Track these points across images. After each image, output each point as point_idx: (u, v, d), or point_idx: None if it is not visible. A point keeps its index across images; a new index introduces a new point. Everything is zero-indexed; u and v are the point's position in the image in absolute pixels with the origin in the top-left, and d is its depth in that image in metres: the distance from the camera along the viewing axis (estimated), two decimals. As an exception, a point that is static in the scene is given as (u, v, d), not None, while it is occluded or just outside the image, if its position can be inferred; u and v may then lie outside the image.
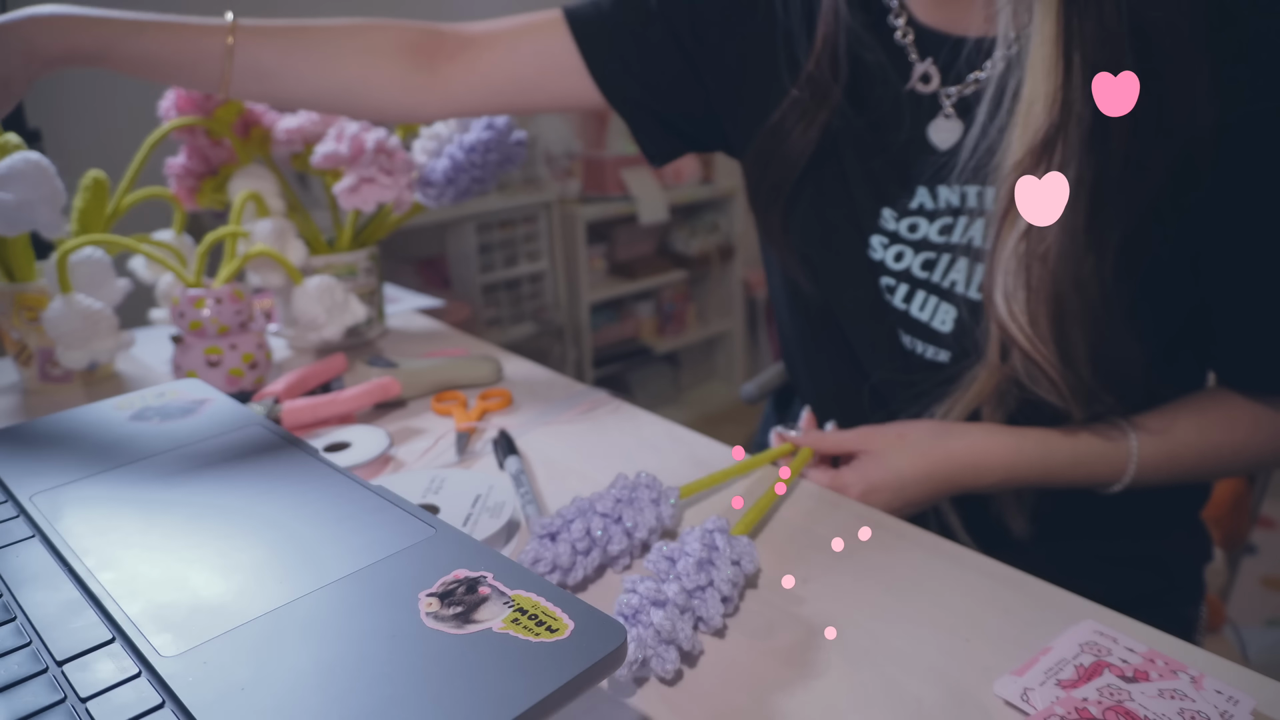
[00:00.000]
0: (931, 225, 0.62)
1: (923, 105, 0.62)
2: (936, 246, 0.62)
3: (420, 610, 0.33)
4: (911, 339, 0.64)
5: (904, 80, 0.63)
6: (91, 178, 0.77)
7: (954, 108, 0.61)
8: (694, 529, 0.47)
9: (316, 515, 0.40)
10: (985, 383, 0.59)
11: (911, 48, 0.62)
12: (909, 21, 0.62)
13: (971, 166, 0.58)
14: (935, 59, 0.62)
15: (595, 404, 0.73)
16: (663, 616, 0.40)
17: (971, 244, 0.60)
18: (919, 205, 0.63)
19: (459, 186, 0.82)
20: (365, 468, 0.62)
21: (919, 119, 0.62)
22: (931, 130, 0.62)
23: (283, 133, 0.85)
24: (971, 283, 0.60)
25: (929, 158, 0.62)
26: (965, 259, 0.60)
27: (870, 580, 0.48)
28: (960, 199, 0.61)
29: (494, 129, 0.81)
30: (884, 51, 0.63)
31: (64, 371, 0.78)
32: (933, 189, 0.62)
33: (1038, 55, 0.52)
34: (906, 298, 0.64)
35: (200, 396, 0.55)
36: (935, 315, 0.63)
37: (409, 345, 0.91)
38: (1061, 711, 0.37)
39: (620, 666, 0.36)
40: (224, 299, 0.72)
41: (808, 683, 0.40)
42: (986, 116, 0.56)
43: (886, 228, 0.64)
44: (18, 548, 0.38)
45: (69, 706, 0.29)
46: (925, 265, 0.63)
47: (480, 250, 2.33)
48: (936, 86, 0.62)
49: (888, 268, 0.64)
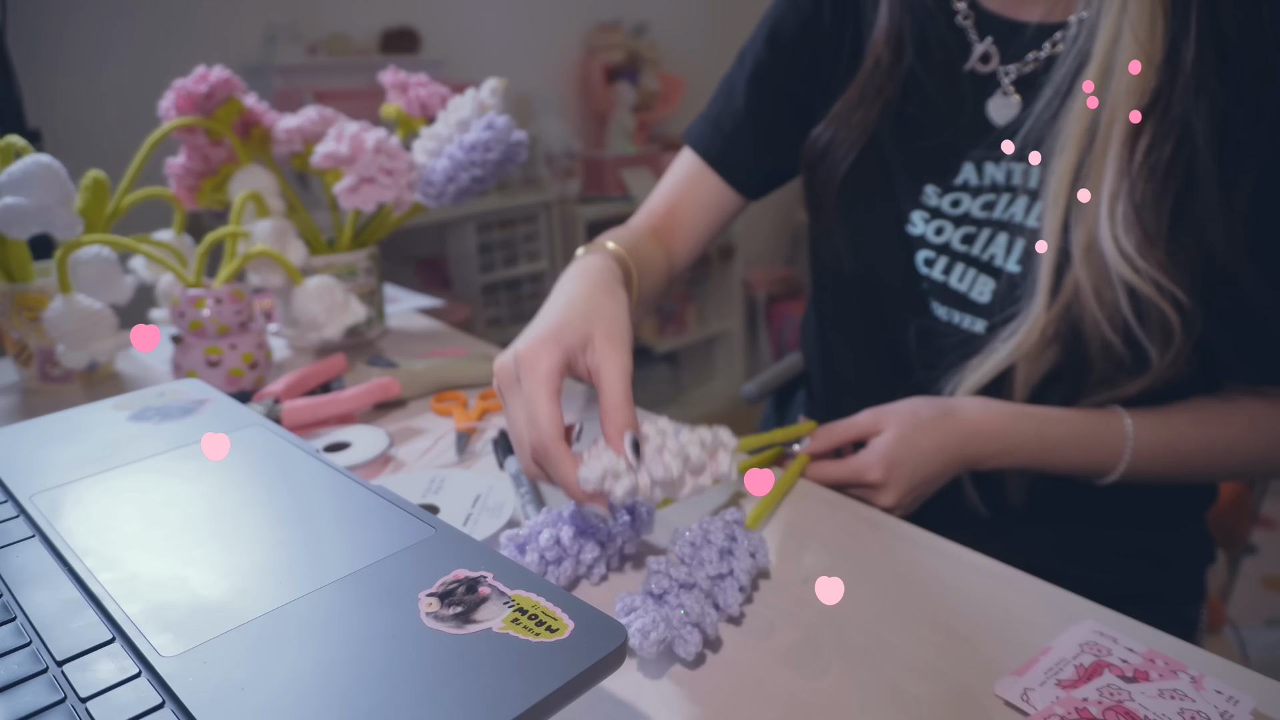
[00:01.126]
0: (975, 201, 0.65)
1: (981, 84, 0.65)
2: (978, 221, 0.65)
3: (420, 610, 0.33)
4: (949, 310, 0.67)
5: (963, 60, 0.66)
6: (91, 178, 0.77)
7: (1013, 85, 0.64)
8: (714, 519, 0.47)
9: (316, 515, 0.40)
10: (1026, 335, 0.60)
11: (972, 29, 0.65)
12: (971, 5, 0.66)
13: (1035, 138, 0.61)
14: (995, 39, 0.64)
15: (594, 403, 0.73)
16: (691, 599, 0.41)
17: (1013, 220, 0.63)
18: (964, 181, 0.66)
19: (459, 186, 0.82)
20: (365, 468, 0.62)
21: (978, 97, 0.65)
22: (990, 107, 0.65)
23: (283, 133, 0.85)
24: (1011, 256, 0.63)
25: (982, 135, 0.64)
26: (1005, 234, 0.63)
27: (870, 580, 0.48)
28: (1006, 176, 0.64)
29: (494, 129, 0.81)
30: (947, 31, 0.66)
31: (64, 371, 0.78)
32: (980, 166, 0.65)
33: (1137, 18, 0.54)
34: (946, 269, 0.66)
35: (200, 396, 0.54)
36: (974, 287, 0.65)
37: (409, 345, 0.91)
38: (1061, 711, 0.37)
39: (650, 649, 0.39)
40: (224, 299, 0.72)
41: (808, 683, 0.40)
42: (1052, 87, 0.59)
43: (928, 204, 0.67)
44: (18, 548, 0.38)
45: (69, 706, 0.29)
46: (965, 239, 0.65)
47: (480, 250, 2.33)
48: (995, 65, 0.65)
49: (928, 241, 0.67)
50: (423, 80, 0.91)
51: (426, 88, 0.91)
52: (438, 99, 0.90)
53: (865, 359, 0.75)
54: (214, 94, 0.82)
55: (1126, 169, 0.56)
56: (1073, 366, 0.60)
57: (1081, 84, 0.57)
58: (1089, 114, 0.57)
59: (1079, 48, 0.58)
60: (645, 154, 2.63)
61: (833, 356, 0.79)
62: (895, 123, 0.68)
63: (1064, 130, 0.58)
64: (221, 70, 0.82)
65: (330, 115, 0.86)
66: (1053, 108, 0.59)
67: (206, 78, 0.81)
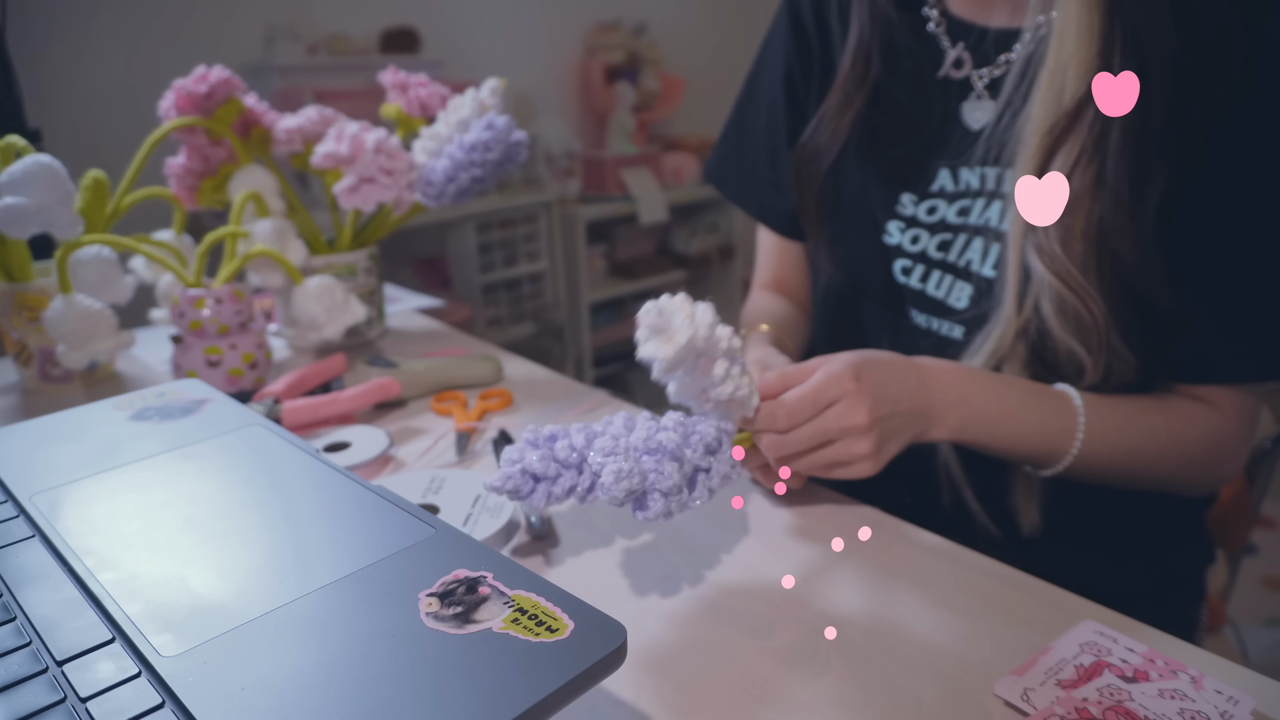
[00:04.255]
0: (950, 207, 0.65)
1: (955, 89, 0.66)
2: (953, 228, 0.65)
3: (420, 610, 0.33)
4: (928, 317, 0.67)
5: (936, 67, 0.66)
6: (91, 178, 0.77)
7: (986, 89, 0.64)
8: (709, 418, 0.49)
9: (316, 515, 0.40)
10: (1001, 338, 0.60)
11: (944, 36, 0.66)
12: (942, 12, 0.66)
13: (999, 141, 0.61)
14: (966, 45, 0.65)
15: (596, 404, 0.73)
16: (672, 470, 0.44)
17: (988, 224, 0.63)
18: (939, 188, 0.66)
19: (459, 186, 0.82)
20: (365, 468, 0.62)
21: (951, 102, 0.66)
22: (965, 111, 0.65)
23: (283, 133, 0.85)
24: (986, 261, 0.63)
25: (957, 140, 0.65)
26: (980, 239, 0.63)
27: (870, 580, 0.48)
28: (980, 181, 0.64)
29: (494, 129, 0.81)
30: (916, 40, 0.67)
31: (64, 371, 0.78)
32: (955, 171, 0.65)
33: (1076, 22, 0.55)
34: (923, 277, 0.67)
35: (200, 396, 0.54)
36: (951, 293, 0.65)
37: (409, 345, 0.91)
38: (1061, 711, 0.37)
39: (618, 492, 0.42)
40: (224, 299, 0.72)
41: (808, 683, 0.40)
42: (1012, 89, 0.60)
43: (904, 213, 0.68)
44: (18, 548, 0.38)
45: (69, 706, 0.29)
46: (941, 246, 0.66)
47: (480, 250, 2.33)
48: (968, 70, 0.65)
49: (904, 250, 0.67)
50: (423, 80, 0.91)
51: (426, 88, 0.91)
52: (438, 99, 0.90)
53: None
54: (214, 94, 0.82)
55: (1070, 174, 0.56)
56: (1044, 366, 0.60)
57: (1037, 87, 0.58)
58: (1046, 117, 0.57)
59: (1036, 51, 0.59)
60: (645, 154, 2.63)
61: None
62: (868, 134, 0.69)
63: (1023, 133, 0.58)
64: (221, 70, 0.82)
65: (330, 115, 0.86)
66: (1013, 110, 0.60)
67: (206, 78, 0.81)
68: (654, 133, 2.86)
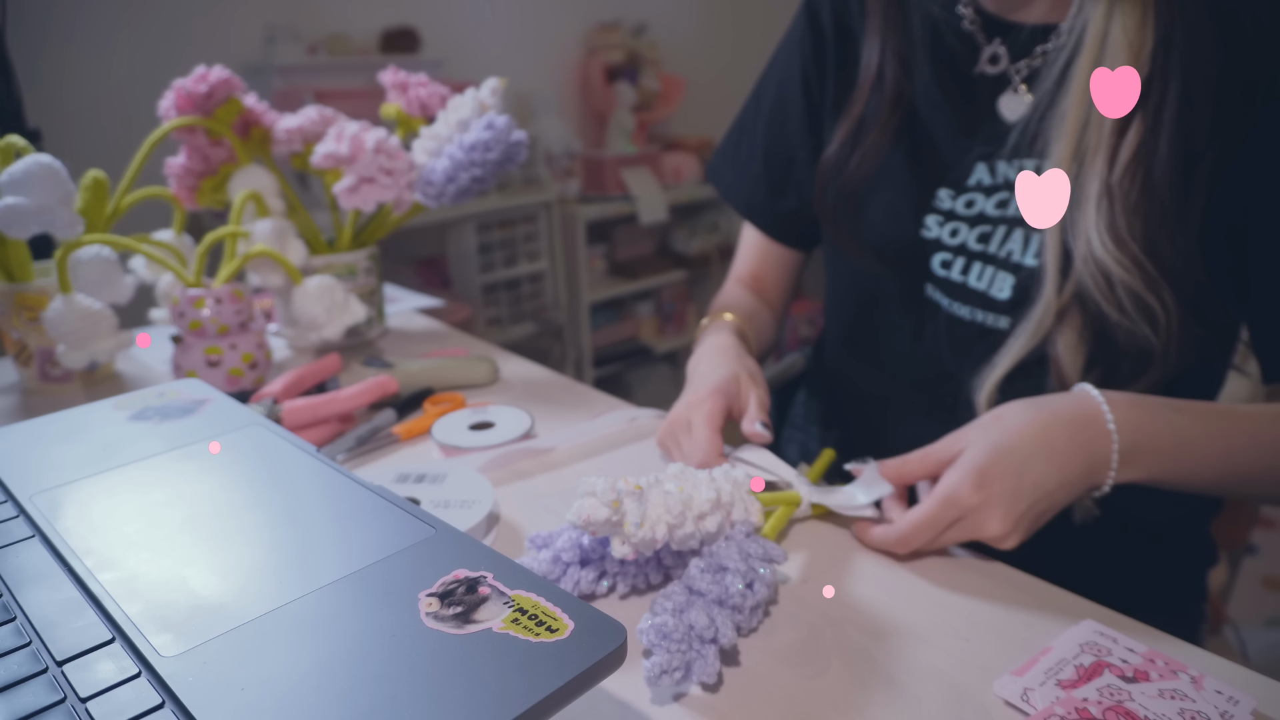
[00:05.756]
0: (989, 200, 0.66)
1: (992, 84, 0.66)
2: (992, 220, 0.65)
3: (420, 610, 0.33)
4: (970, 309, 0.67)
5: (972, 64, 0.67)
6: (91, 178, 0.77)
7: (1024, 82, 0.65)
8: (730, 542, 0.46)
9: (316, 515, 0.40)
10: (1041, 321, 0.60)
11: (979, 33, 0.66)
12: (976, 11, 0.67)
13: (1036, 133, 0.61)
14: (1003, 40, 0.65)
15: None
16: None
17: None
18: (977, 182, 0.66)
19: (459, 186, 0.82)
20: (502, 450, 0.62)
21: (988, 97, 0.66)
22: (1002, 104, 0.65)
23: (283, 133, 0.85)
24: (1028, 251, 0.63)
25: (994, 134, 0.65)
26: (1021, 229, 0.64)
27: (870, 580, 0.48)
28: (1018, 173, 0.64)
29: (494, 129, 0.81)
30: (954, 39, 0.67)
31: (64, 371, 0.78)
32: (992, 165, 0.65)
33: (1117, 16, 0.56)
34: (964, 270, 0.67)
35: (200, 396, 0.54)
36: (993, 284, 0.65)
37: (409, 345, 0.91)
38: (1061, 711, 0.37)
39: (653, 681, 0.39)
40: (224, 299, 0.72)
41: (808, 683, 0.40)
42: (1050, 81, 0.60)
43: (941, 207, 0.68)
44: (18, 548, 0.38)
45: (69, 706, 0.29)
46: (981, 238, 0.66)
47: (480, 250, 2.33)
48: (1005, 65, 0.65)
49: (943, 244, 0.68)
50: (423, 80, 0.91)
51: (426, 88, 0.91)
52: (438, 99, 0.90)
53: (886, 366, 0.74)
54: (214, 94, 0.82)
55: (1110, 164, 0.57)
56: (1103, 351, 0.60)
57: (1074, 80, 0.58)
58: (1081, 109, 0.58)
59: (1074, 43, 0.59)
60: (645, 154, 2.63)
61: (849, 371, 0.79)
62: (906, 136, 0.69)
63: (1059, 125, 0.59)
64: (221, 70, 0.82)
65: (330, 115, 0.86)
66: (1046, 104, 0.61)
67: (206, 78, 0.81)
68: (654, 133, 2.86)
